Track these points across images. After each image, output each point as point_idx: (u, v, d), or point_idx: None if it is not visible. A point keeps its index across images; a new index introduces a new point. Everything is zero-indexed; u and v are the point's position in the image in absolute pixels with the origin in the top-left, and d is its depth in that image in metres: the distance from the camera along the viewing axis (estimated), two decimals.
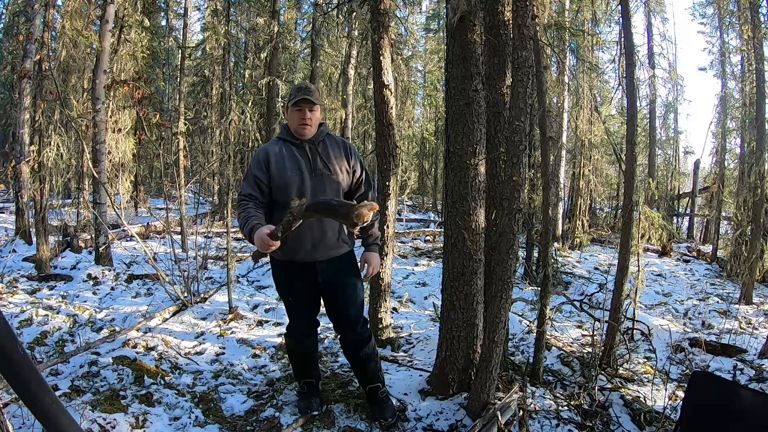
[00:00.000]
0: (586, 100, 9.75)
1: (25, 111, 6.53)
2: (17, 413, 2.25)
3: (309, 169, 2.25)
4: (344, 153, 2.34)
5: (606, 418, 2.59)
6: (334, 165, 2.28)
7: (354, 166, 2.35)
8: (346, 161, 2.33)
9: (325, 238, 2.26)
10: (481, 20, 2.64)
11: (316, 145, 2.28)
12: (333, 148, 2.32)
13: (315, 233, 2.24)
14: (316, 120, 2.28)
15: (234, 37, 10.73)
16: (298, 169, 2.24)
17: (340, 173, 2.29)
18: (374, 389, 2.49)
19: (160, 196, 13.05)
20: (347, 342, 2.45)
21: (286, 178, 2.22)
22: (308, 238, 2.24)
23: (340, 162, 2.30)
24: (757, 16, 6.99)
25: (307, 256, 2.27)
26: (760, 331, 4.42)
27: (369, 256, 2.42)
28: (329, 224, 2.25)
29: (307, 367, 2.59)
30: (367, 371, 2.48)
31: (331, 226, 2.25)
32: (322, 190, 2.24)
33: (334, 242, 2.29)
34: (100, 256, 5.73)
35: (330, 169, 2.27)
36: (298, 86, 2.28)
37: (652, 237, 4.13)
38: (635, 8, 11.04)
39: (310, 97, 2.21)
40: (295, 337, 2.49)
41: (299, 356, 2.56)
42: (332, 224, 2.25)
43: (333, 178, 2.26)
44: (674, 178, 13.97)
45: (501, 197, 2.65)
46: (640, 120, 11.90)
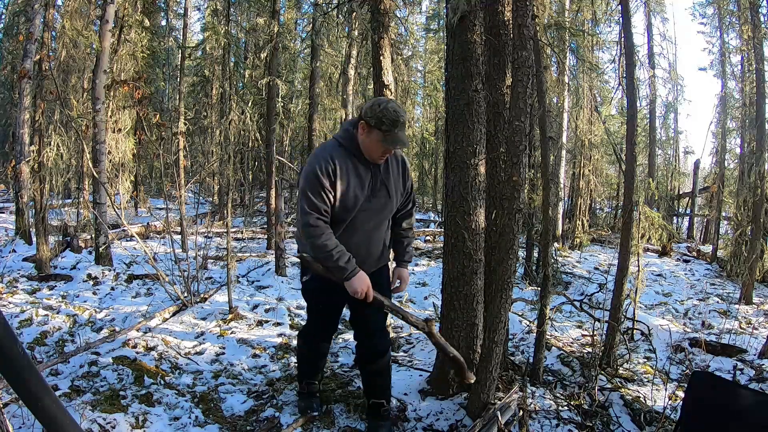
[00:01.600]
0: (586, 100, 9.75)
1: (25, 111, 6.53)
2: (17, 413, 2.25)
3: (369, 189, 2.07)
4: (402, 172, 2.19)
5: (606, 418, 2.59)
6: (392, 187, 2.13)
7: (408, 186, 2.24)
8: (402, 181, 2.20)
9: (374, 253, 2.21)
10: (481, 20, 2.64)
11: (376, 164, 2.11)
12: (393, 168, 2.16)
13: (370, 249, 2.18)
14: None
15: (234, 37, 10.73)
16: (360, 188, 2.05)
17: (395, 196, 2.16)
18: (378, 405, 2.42)
19: (160, 196, 13.05)
20: (365, 350, 2.39)
21: (348, 197, 2.02)
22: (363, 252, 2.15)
23: (397, 183, 2.17)
24: (757, 16, 6.98)
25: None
26: (760, 331, 4.42)
27: (403, 272, 2.38)
28: (380, 242, 2.21)
29: (315, 370, 2.61)
30: (376, 384, 2.42)
31: (380, 241, 2.21)
32: (376, 216, 2.12)
33: (380, 257, 2.25)
34: (100, 256, 5.73)
35: (388, 191, 2.12)
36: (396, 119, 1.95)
37: (652, 237, 4.13)
38: (635, 8, 11.03)
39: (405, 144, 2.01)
40: (312, 341, 2.48)
41: (310, 359, 2.56)
42: (382, 241, 2.21)
43: (390, 204, 2.14)
44: (674, 178, 13.97)
45: (501, 197, 2.65)
46: (640, 120, 11.90)
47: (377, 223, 2.17)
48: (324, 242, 1.99)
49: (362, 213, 2.09)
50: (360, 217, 2.10)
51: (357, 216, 2.08)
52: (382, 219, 2.18)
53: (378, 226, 2.18)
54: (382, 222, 2.19)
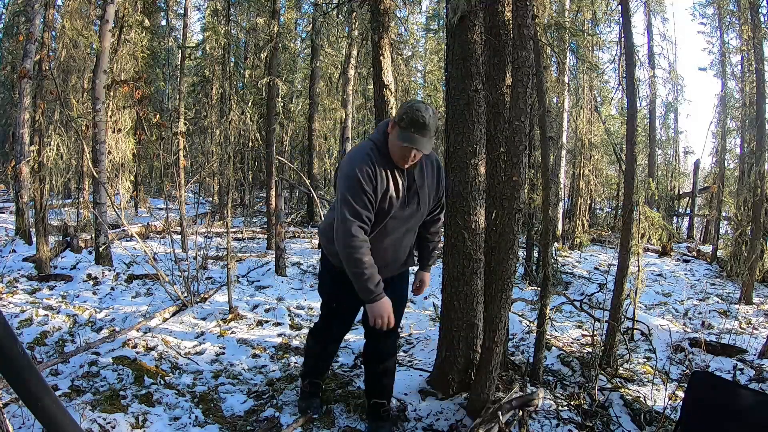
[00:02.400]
0: (586, 100, 9.75)
1: (25, 111, 6.53)
2: (17, 413, 2.25)
3: (404, 197, 2.00)
4: (437, 178, 2.11)
5: (606, 418, 2.59)
6: (425, 195, 2.06)
7: (441, 193, 2.15)
8: (436, 187, 2.12)
9: (400, 259, 2.18)
10: (481, 20, 2.64)
11: (414, 169, 2.03)
12: (428, 173, 2.07)
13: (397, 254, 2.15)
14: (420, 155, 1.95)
15: (234, 37, 10.74)
16: (396, 194, 1.98)
17: (428, 204, 2.10)
18: (378, 405, 2.41)
19: (160, 196, 13.05)
20: (373, 351, 2.38)
21: (384, 203, 1.95)
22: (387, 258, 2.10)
23: (431, 190, 2.09)
24: (757, 16, 6.98)
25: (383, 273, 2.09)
26: (760, 331, 4.42)
27: (425, 276, 2.38)
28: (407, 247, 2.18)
29: (321, 369, 2.60)
30: (379, 385, 2.41)
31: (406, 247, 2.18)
32: (406, 223, 2.05)
33: (405, 262, 2.22)
34: (100, 256, 5.73)
35: (419, 200, 2.04)
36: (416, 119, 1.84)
37: (652, 237, 4.13)
38: (635, 8, 11.04)
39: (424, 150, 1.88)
40: (323, 340, 2.47)
41: (318, 358, 2.55)
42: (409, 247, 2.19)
43: (420, 211, 2.07)
44: (674, 178, 13.96)
45: (501, 197, 2.65)
46: (640, 120, 11.90)
47: (407, 230, 2.12)
48: (361, 257, 1.90)
49: (393, 220, 2.02)
50: (390, 224, 2.03)
51: (388, 223, 2.01)
52: (412, 226, 2.13)
53: (407, 233, 2.13)
54: (411, 229, 2.14)
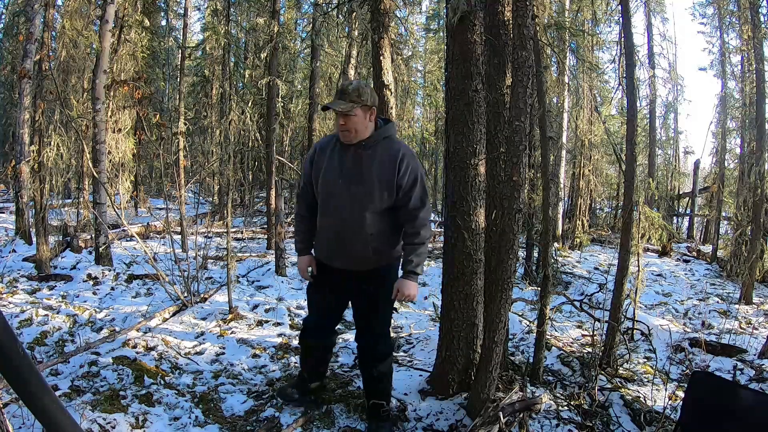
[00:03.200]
0: (586, 100, 9.76)
1: (25, 111, 6.52)
2: (17, 413, 2.25)
3: (342, 174, 2.10)
4: (396, 169, 2.09)
5: (606, 418, 2.59)
6: (370, 180, 2.08)
7: (401, 181, 2.09)
8: (390, 173, 2.09)
9: (350, 250, 2.16)
10: (481, 20, 2.64)
11: (364, 150, 2.10)
12: (382, 160, 2.10)
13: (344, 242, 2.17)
14: (359, 124, 2.06)
15: (234, 37, 10.74)
16: (334, 170, 2.12)
17: (378, 188, 2.08)
18: (377, 405, 2.40)
19: (160, 196, 13.05)
20: (365, 353, 2.39)
21: (321, 176, 2.16)
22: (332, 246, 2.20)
23: (381, 176, 2.08)
24: (757, 16, 6.98)
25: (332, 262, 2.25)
26: (760, 331, 4.42)
27: (401, 283, 2.18)
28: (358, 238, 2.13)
29: (305, 362, 2.66)
30: (374, 386, 2.42)
31: (361, 240, 2.13)
32: (350, 204, 2.10)
33: (361, 258, 2.18)
34: (100, 256, 5.73)
35: (361, 179, 2.08)
36: (338, 88, 2.12)
37: (652, 237, 4.13)
38: (635, 8, 11.04)
39: (334, 107, 2.05)
40: (303, 331, 2.55)
41: (302, 348, 2.65)
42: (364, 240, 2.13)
43: (366, 193, 2.08)
44: (674, 178, 13.97)
45: (501, 197, 2.65)
46: (640, 120, 11.90)
47: (353, 215, 2.10)
48: (297, 219, 2.36)
49: (331, 199, 2.14)
50: (331, 203, 2.15)
51: (326, 200, 2.16)
52: (360, 211, 2.09)
53: (355, 219, 2.10)
54: (360, 214, 2.09)
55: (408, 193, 2.11)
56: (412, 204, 2.13)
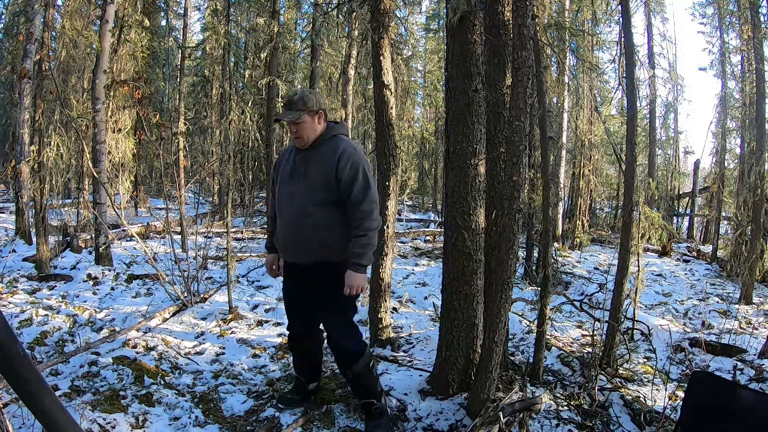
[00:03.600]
0: (586, 100, 9.76)
1: (25, 111, 6.52)
2: (17, 413, 2.25)
3: (293, 174, 2.30)
4: (336, 162, 2.19)
5: (606, 418, 2.59)
6: (313, 172, 2.23)
7: (340, 174, 2.18)
8: (328, 167, 2.19)
9: (299, 244, 2.25)
10: (481, 20, 2.64)
11: (312, 150, 2.27)
12: (324, 155, 2.23)
13: (293, 236, 2.27)
14: (308, 129, 2.23)
15: (234, 37, 10.74)
16: (288, 173, 2.32)
17: (320, 182, 2.20)
18: (368, 404, 2.42)
19: (160, 196, 13.05)
20: (335, 355, 2.43)
21: (279, 176, 2.36)
22: (285, 239, 2.32)
23: (320, 168, 2.21)
24: (757, 16, 6.98)
25: (287, 256, 2.39)
26: (760, 331, 4.42)
27: (346, 274, 2.21)
28: (305, 232, 2.21)
29: (298, 366, 2.67)
30: (357, 387, 2.43)
31: (307, 233, 2.21)
32: (297, 199, 2.25)
33: (309, 251, 2.24)
34: (100, 256, 5.73)
35: (306, 176, 2.24)
36: (286, 99, 2.30)
37: (652, 237, 4.13)
38: (635, 8, 11.03)
39: (283, 118, 2.23)
40: (288, 336, 2.59)
41: (292, 353, 2.70)
42: (310, 233, 2.20)
43: (307, 187, 2.22)
44: (674, 178, 13.97)
45: (501, 197, 2.65)
46: (640, 120, 11.90)
47: (297, 209, 2.23)
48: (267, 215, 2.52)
49: (283, 197, 2.30)
50: (283, 201, 2.31)
51: (281, 199, 2.32)
52: (304, 204, 2.21)
53: (299, 212, 2.22)
54: (303, 208, 2.21)
55: (349, 186, 2.18)
56: (354, 197, 2.19)
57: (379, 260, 3.62)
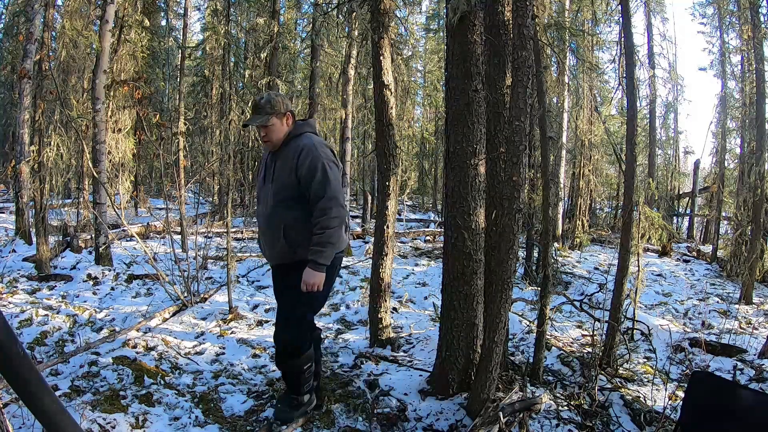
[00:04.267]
0: (586, 100, 9.76)
1: (25, 111, 6.53)
2: (17, 413, 2.25)
3: (264, 177, 2.36)
4: (297, 159, 2.20)
5: (606, 418, 2.60)
6: (279, 170, 2.27)
7: (301, 173, 2.18)
8: (290, 166, 2.22)
9: (269, 244, 2.29)
10: (481, 20, 2.65)
11: (280, 151, 2.31)
12: (288, 154, 2.26)
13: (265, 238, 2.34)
14: (276, 132, 2.27)
15: (234, 37, 10.74)
16: (261, 177, 2.39)
17: (284, 181, 2.24)
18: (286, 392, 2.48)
19: (160, 196, 13.05)
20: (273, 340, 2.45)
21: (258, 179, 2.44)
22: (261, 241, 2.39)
23: (284, 168, 2.25)
24: (757, 16, 6.98)
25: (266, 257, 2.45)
26: (760, 331, 4.42)
27: (304, 272, 2.18)
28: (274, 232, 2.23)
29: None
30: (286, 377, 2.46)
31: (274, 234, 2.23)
32: (266, 202, 2.31)
33: (279, 252, 2.26)
34: (100, 256, 5.73)
35: (273, 177, 2.29)
36: (252, 103, 2.31)
37: (652, 237, 4.13)
38: (635, 8, 11.04)
39: (252, 123, 2.26)
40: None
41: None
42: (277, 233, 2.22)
43: (273, 187, 2.27)
44: (674, 178, 13.97)
45: (501, 197, 2.65)
46: (640, 120, 11.91)
47: (267, 210, 2.29)
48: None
49: (259, 200, 2.38)
50: (258, 204, 2.39)
51: (258, 202, 2.41)
52: (273, 205, 2.25)
53: (269, 213, 2.27)
54: (271, 209, 2.26)
55: (308, 182, 2.16)
56: (314, 193, 2.16)
57: (379, 260, 3.63)
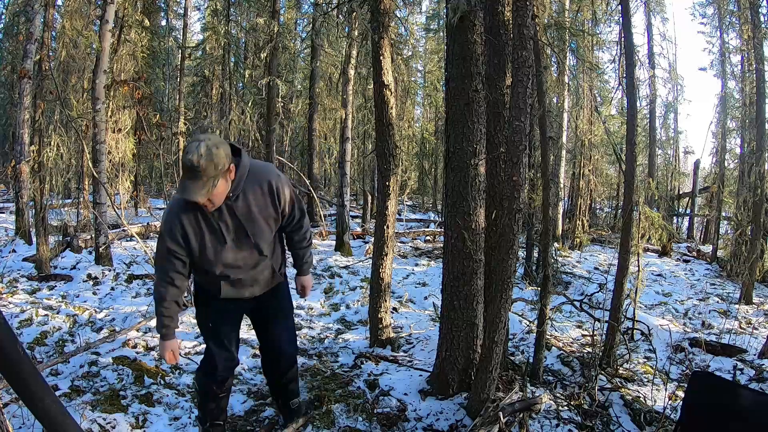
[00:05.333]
0: (586, 100, 9.75)
1: (25, 111, 6.53)
2: (17, 413, 2.25)
3: (228, 234, 1.93)
4: (270, 200, 1.98)
5: (606, 418, 2.60)
6: (257, 224, 1.97)
7: (284, 208, 2.02)
8: (272, 207, 1.99)
9: (261, 280, 2.12)
10: (481, 20, 2.64)
11: (234, 201, 1.89)
12: (255, 201, 1.95)
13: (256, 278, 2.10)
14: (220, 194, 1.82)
15: (234, 37, 10.73)
16: (217, 238, 1.93)
17: (266, 226, 2.01)
18: (286, 400, 2.44)
19: (160, 196, 13.04)
20: (273, 365, 2.35)
21: (206, 251, 1.93)
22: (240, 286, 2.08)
23: (264, 212, 1.98)
24: (757, 16, 6.99)
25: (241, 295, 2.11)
26: (760, 331, 4.42)
27: (304, 279, 2.30)
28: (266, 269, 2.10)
29: (222, 407, 2.28)
30: (286, 389, 2.41)
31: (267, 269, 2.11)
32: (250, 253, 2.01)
33: (270, 281, 2.16)
34: (100, 256, 5.73)
35: (251, 229, 1.96)
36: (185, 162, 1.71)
37: (652, 237, 4.13)
38: (635, 8, 11.02)
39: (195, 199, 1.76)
40: (218, 374, 2.14)
41: (218, 397, 2.22)
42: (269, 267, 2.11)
43: (257, 241, 2.00)
44: (674, 178, 13.98)
45: (501, 197, 2.65)
46: (640, 120, 11.90)
47: (255, 257, 2.04)
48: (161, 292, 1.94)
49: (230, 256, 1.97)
50: (231, 261, 1.98)
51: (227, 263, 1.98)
52: (259, 249, 2.02)
53: (257, 257, 2.04)
54: (260, 252, 2.03)
55: (291, 212, 2.08)
56: (296, 217, 2.13)
57: (379, 260, 3.63)
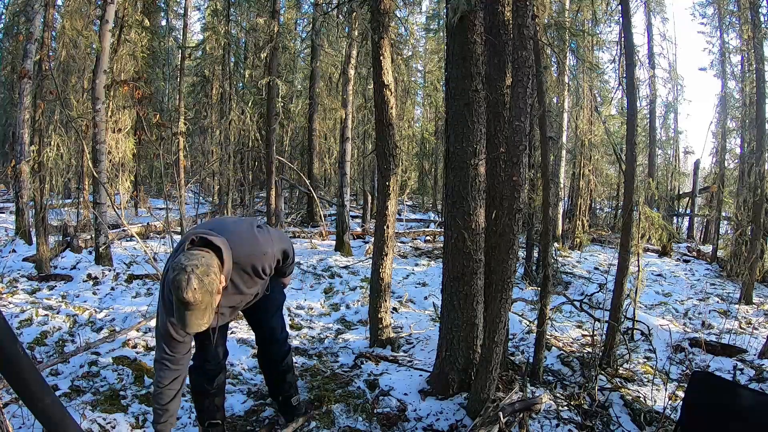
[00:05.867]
0: (586, 100, 9.75)
1: (25, 111, 6.53)
2: (17, 413, 2.25)
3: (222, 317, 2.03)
4: (255, 276, 2.01)
5: (606, 418, 2.60)
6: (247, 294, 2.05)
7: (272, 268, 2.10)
8: (259, 277, 2.04)
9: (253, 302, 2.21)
10: (481, 20, 2.65)
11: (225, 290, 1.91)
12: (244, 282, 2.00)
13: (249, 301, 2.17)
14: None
15: (234, 37, 10.74)
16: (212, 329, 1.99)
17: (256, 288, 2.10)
18: (287, 398, 2.46)
19: (160, 196, 13.05)
20: (269, 353, 2.40)
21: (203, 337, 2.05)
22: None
23: (253, 285, 2.05)
24: (757, 16, 6.99)
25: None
26: (760, 331, 4.42)
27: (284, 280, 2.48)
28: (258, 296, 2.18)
29: (218, 405, 2.28)
30: (284, 382, 2.43)
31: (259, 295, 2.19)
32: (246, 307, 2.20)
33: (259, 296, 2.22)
34: (100, 256, 5.73)
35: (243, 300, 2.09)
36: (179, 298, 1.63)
37: (652, 237, 4.13)
38: (635, 8, 11.02)
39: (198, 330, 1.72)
40: (209, 372, 2.17)
41: (211, 395, 2.22)
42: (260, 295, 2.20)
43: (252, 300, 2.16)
44: (674, 178, 13.98)
45: (501, 197, 2.65)
46: (640, 120, 11.90)
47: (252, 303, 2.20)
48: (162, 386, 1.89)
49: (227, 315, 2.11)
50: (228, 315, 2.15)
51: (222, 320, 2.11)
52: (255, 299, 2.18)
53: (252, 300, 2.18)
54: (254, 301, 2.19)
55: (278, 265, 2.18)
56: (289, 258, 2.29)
57: (379, 260, 3.63)
